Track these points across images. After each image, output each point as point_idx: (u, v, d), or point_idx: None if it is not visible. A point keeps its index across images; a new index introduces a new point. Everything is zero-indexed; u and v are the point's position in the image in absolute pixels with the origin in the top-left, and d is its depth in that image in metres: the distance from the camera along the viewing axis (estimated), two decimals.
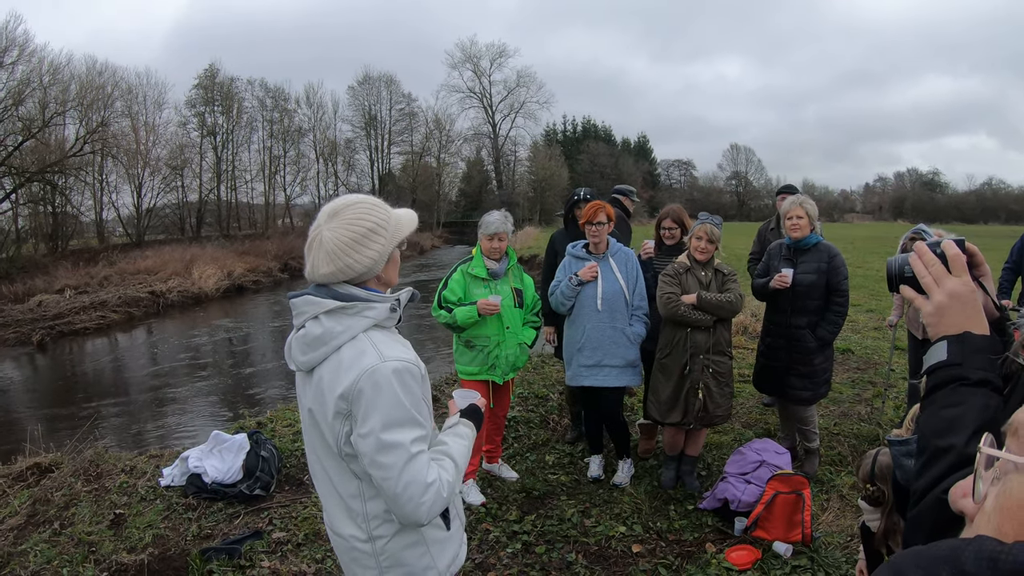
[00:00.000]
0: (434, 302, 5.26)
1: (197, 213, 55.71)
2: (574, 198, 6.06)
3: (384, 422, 1.96)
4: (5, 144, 35.87)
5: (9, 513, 5.87)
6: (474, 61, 72.98)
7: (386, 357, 2.00)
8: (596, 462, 5.72)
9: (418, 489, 1.97)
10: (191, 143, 56.78)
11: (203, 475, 5.87)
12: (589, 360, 5.19)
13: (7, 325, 21.90)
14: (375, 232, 2.07)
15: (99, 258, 35.95)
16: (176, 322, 23.21)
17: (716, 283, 5.03)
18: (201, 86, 58.44)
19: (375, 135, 69.25)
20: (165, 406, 12.40)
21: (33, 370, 17.76)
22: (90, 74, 44.72)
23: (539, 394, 7.67)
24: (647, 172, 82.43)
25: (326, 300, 2.06)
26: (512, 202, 68.27)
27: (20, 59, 37.07)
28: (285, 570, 4.45)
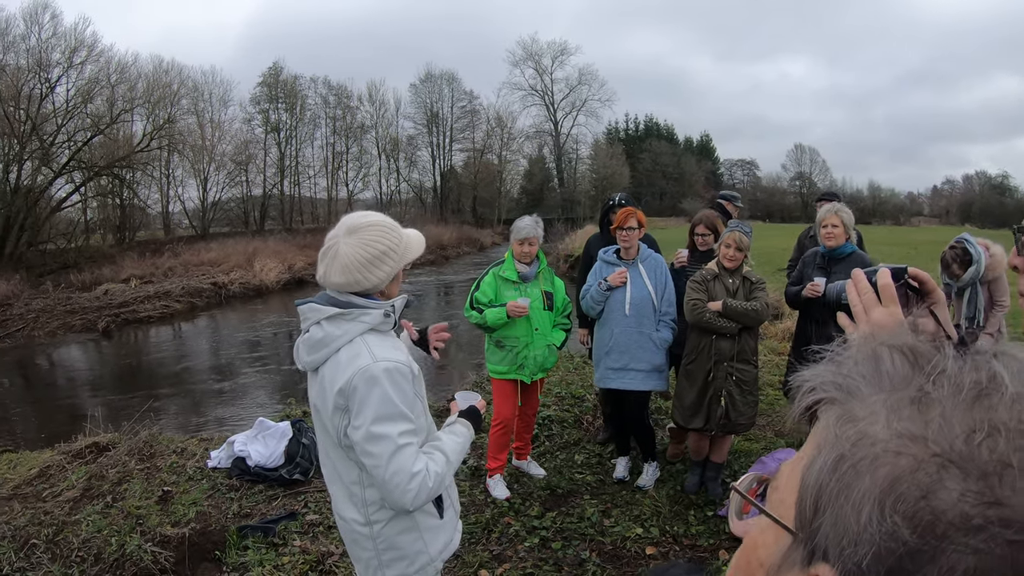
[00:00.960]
0: (466, 303, 5.43)
1: (261, 207, 56.63)
2: (609, 203, 6.11)
3: (374, 416, 2.16)
4: (75, 140, 37.13)
5: (67, 486, 6.23)
6: (535, 59, 72.34)
7: (378, 358, 2.21)
8: (622, 463, 5.81)
9: (404, 478, 2.16)
10: (255, 139, 57.82)
11: (247, 459, 6.15)
12: (616, 363, 5.28)
13: (74, 312, 22.65)
14: (387, 255, 2.28)
15: (164, 249, 36.85)
16: (236, 313, 23.75)
17: (743, 291, 5.05)
18: (265, 84, 59.49)
19: (437, 132, 69.21)
20: (219, 393, 12.81)
21: (97, 355, 18.39)
22: (157, 72, 45.94)
23: (576, 394, 7.75)
24: (710, 172, 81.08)
25: (327, 307, 2.28)
26: (573, 200, 68.03)
27: (89, 59, 38.51)
28: (315, 550, 4.65)
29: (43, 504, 5.92)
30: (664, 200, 74.28)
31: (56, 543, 4.97)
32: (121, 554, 4.70)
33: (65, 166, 36.80)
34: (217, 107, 54.71)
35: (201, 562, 4.70)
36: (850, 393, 0.61)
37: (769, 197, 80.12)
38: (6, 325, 21.59)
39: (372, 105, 65.13)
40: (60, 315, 22.38)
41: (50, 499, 6.05)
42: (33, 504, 5.97)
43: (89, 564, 4.68)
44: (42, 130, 35.54)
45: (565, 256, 29.18)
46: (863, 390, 0.60)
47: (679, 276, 5.66)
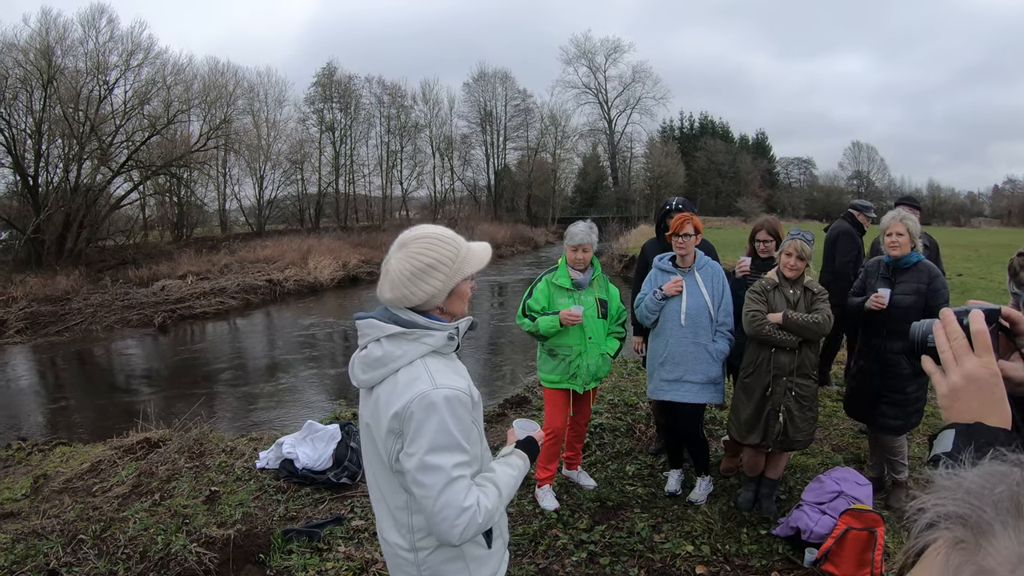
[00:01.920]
0: (519, 310, 5.33)
1: (316, 205, 57.61)
2: (665, 207, 5.97)
3: (430, 445, 2.06)
4: (133, 140, 38.21)
5: (117, 482, 6.32)
6: (589, 57, 72.26)
7: (438, 384, 2.10)
8: (675, 477, 5.65)
9: (453, 512, 2.06)
10: (310, 138, 58.92)
11: (295, 461, 6.15)
12: (670, 375, 5.14)
13: (132, 307, 23.15)
14: (434, 268, 2.18)
15: (221, 246, 37.72)
16: (291, 310, 23.97)
17: (804, 302, 4.87)
18: (319, 84, 60.61)
19: (491, 131, 69.74)
20: (270, 393, 12.87)
21: (153, 350, 18.70)
22: (212, 74, 47.14)
23: (629, 402, 7.62)
24: (766, 170, 79.89)
25: (388, 325, 2.18)
26: (628, 199, 67.67)
27: (145, 62, 39.76)
28: (359, 556, 4.61)
29: (93, 499, 6.00)
30: (719, 199, 73.46)
31: (103, 539, 5.02)
32: (166, 553, 4.72)
33: (123, 165, 37.92)
34: (272, 107, 56.14)
35: (245, 564, 4.68)
36: (979, 532, 0.51)
37: (826, 197, 78.50)
38: (65, 319, 22.14)
39: (426, 104, 66.01)
40: (117, 310, 22.90)
41: (100, 494, 6.14)
42: (83, 498, 6.06)
43: (134, 562, 4.70)
44: (101, 131, 36.66)
45: (619, 256, 28.94)
46: (996, 531, 0.51)
47: (741, 285, 5.49)
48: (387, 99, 63.66)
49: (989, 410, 1.14)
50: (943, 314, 1.23)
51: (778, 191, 78.79)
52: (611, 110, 73.20)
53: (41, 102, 35.59)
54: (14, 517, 5.90)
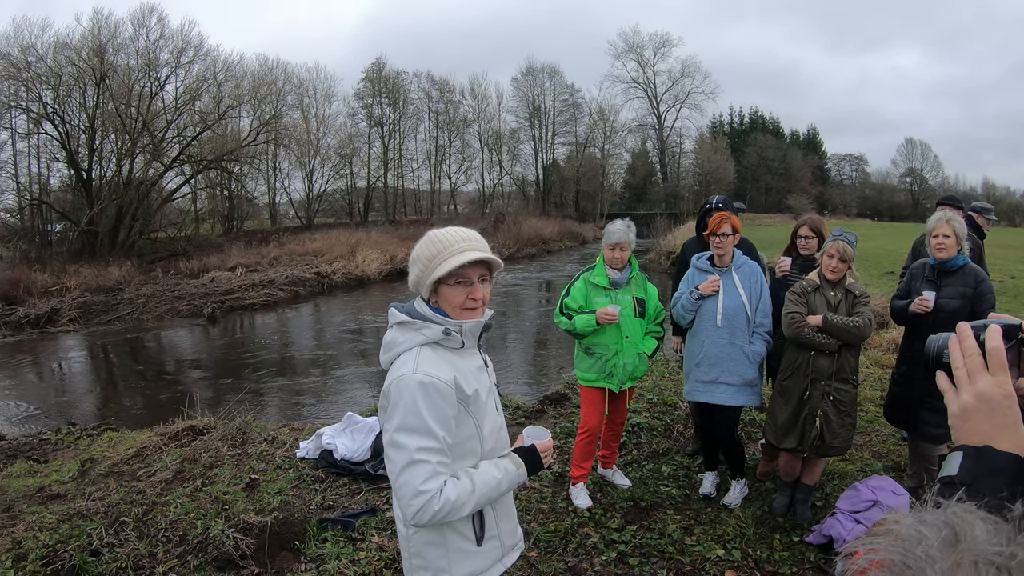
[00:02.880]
0: (556, 308, 5.33)
1: (365, 199, 58.23)
2: (706, 206, 5.91)
3: (399, 424, 2.23)
4: (184, 135, 39.22)
5: (161, 467, 6.49)
6: (637, 51, 71.35)
7: (418, 370, 2.26)
8: (709, 479, 5.60)
9: (409, 491, 2.19)
10: (359, 133, 59.63)
11: (334, 451, 6.25)
12: (706, 376, 5.10)
13: (182, 298, 23.62)
14: (415, 262, 2.41)
15: (270, 239, 38.46)
16: (338, 302, 24.29)
17: (846, 305, 4.78)
18: (368, 79, 61.17)
19: (539, 126, 69.34)
20: (314, 384, 13.06)
21: (202, 340, 19.05)
22: (262, 70, 48.44)
23: (668, 401, 7.55)
24: (816, 167, 78.35)
25: (399, 314, 2.41)
26: (677, 195, 67.10)
27: (195, 59, 40.72)
28: (391, 547, 4.67)
29: (137, 483, 6.17)
30: (769, 196, 72.47)
31: (145, 522, 5.15)
32: (205, 537, 4.82)
33: (175, 160, 38.95)
34: (322, 102, 56.97)
35: (280, 551, 4.76)
36: None
37: (878, 194, 77.24)
38: (117, 309, 22.66)
39: (474, 99, 66.20)
40: (168, 300, 23.39)
41: (144, 479, 6.31)
42: (128, 482, 6.23)
43: (174, 544, 4.82)
44: (153, 126, 37.80)
45: (667, 253, 28.34)
46: None
47: (781, 285, 5.41)
48: (435, 94, 64.06)
49: (1000, 434, 1.09)
50: (959, 328, 1.18)
51: (829, 188, 77.37)
52: (660, 105, 72.23)
53: (94, 99, 36.76)
54: (61, 498, 6.08)
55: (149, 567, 4.62)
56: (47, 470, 7.21)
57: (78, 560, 4.60)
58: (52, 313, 22.02)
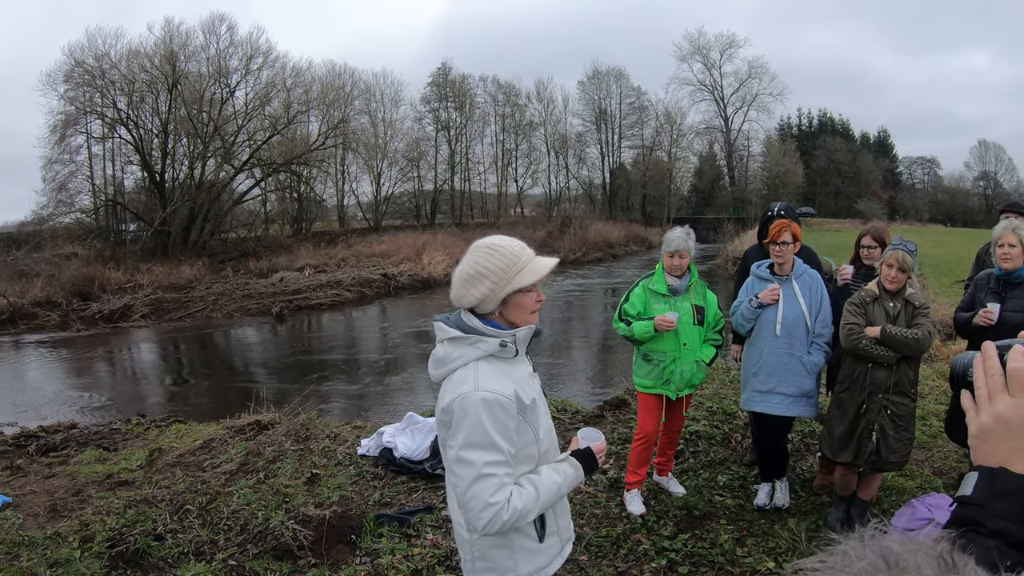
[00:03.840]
0: (615, 314, 5.32)
1: (432, 202, 59.02)
2: (768, 213, 5.80)
3: (464, 441, 2.25)
4: (255, 139, 40.76)
5: (226, 459, 6.70)
6: (703, 53, 69.63)
7: (480, 387, 2.27)
8: (764, 490, 5.48)
9: (478, 504, 2.23)
10: (426, 137, 60.37)
11: (394, 450, 6.35)
12: (763, 386, 5.03)
13: (251, 296, 24.22)
14: (484, 276, 2.34)
15: (338, 241, 39.33)
16: (404, 304, 24.67)
17: (905, 316, 4.65)
18: (434, 83, 61.83)
19: (605, 129, 68.62)
20: (376, 383, 13.28)
21: (270, 338, 19.51)
22: (330, 76, 49.46)
23: (728, 410, 7.42)
24: (887, 170, 75.56)
25: (450, 328, 2.40)
26: (744, 199, 65.95)
27: (264, 65, 42.18)
28: (445, 544, 4.74)
29: (202, 473, 6.39)
30: (839, 200, 70.35)
31: (208, 511, 5.34)
32: (265, 527, 4.98)
33: (245, 163, 40.42)
34: (389, 107, 57.91)
35: (337, 544, 4.87)
36: None
37: (951, 199, 74.25)
38: (188, 306, 23.34)
39: (540, 103, 66.10)
40: (237, 299, 24.01)
41: (209, 469, 6.52)
42: (193, 472, 6.46)
43: (235, 533, 5.00)
44: (224, 131, 39.32)
45: (734, 259, 27.61)
46: None
47: (842, 294, 5.29)
48: (501, 98, 64.37)
49: (1017, 456, 1.07)
50: (984, 347, 1.17)
51: (900, 192, 74.72)
52: (727, 107, 70.45)
53: (167, 104, 38.52)
54: (129, 485, 6.34)
55: (210, 553, 4.78)
56: (116, 458, 7.49)
57: (142, 544, 4.79)
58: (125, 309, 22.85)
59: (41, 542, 5.14)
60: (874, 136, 78.93)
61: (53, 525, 5.49)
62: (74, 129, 38.32)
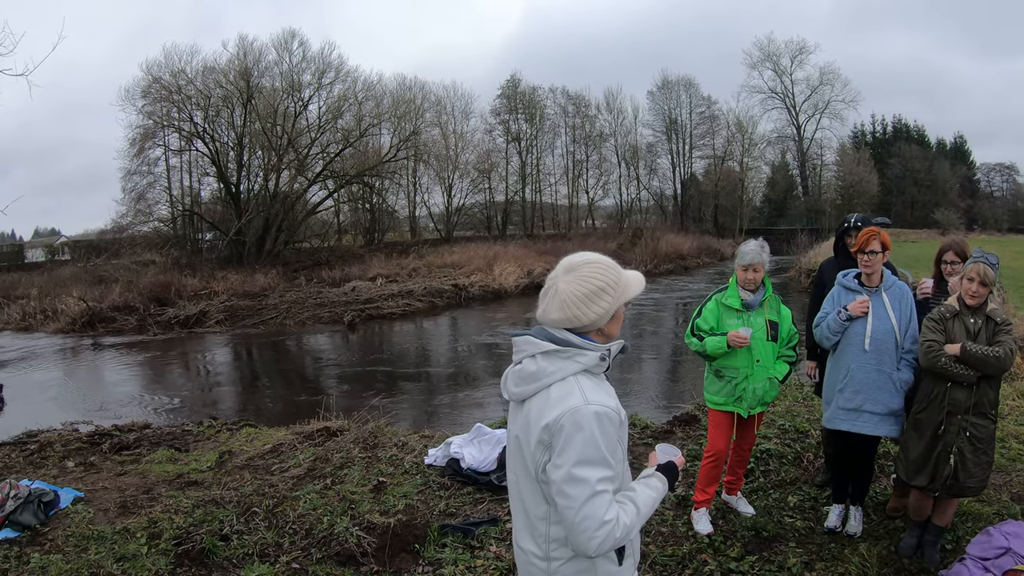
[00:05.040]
0: (687, 329, 5.21)
1: (503, 213, 59.51)
2: (845, 224, 5.65)
3: (577, 458, 2.13)
4: (328, 152, 41.94)
5: (294, 464, 6.81)
6: (774, 59, 68.00)
7: (590, 401, 2.17)
8: (836, 512, 5.28)
9: (593, 523, 2.12)
10: (497, 148, 61.12)
11: (461, 460, 6.33)
12: (849, 403, 4.83)
13: (323, 305, 24.68)
14: (604, 291, 2.27)
15: (410, 251, 40.05)
16: (474, 315, 24.75)
17: (986, 333, 4.42)
18: (504, 95, 62.31)
19: (676, 139, 68.07)
20: (446, 393, 13.38)
21: (341, 346, 19.78)
22: (401, 89, 50.80)
23: (800, 428, 7.20)
24: (965, 178, 72.16)
25: (544, 342, 2.28)
26: (818, 209, 64.48)
27: (336, 79, 43.39)
28: (508, 557, 4.67)
29: (270, 477, 6.49)
30: (915, 210, 67.58)
31: (274, 514, 5.41)
32: (330, 533, 5.01)
33: (319, 175, 41.74)
34: (459, 119, 58.92)
35: (400, 552, 4.86)
36: None
37: None
38: (261, 313, 23.87)
39: (610, 113, 65.99)
40: (310, 307, 24.49)
41: (277, 473, 6.63)
42: (261, 476, 6.57)
43: (299, 537, 5.05)
44: (297, 143, 40.82)
45: (807, 271, 27.01)
46: None
47: (922, 309, 5.06)
48: (571, 109, 64.52)
49: None
50: None
51: (979, 201, 71.31)
52: (799, 115, 68.74)
53: (242, 118, 40.15)
54: (198, 485, 6.47)
55: (274, 555, 4.85)
56: (187, 459, 7.66)
57: (208, 543, 4.87)
58: (200, 315, 23.54)
59: (110, 537, 5.26)
60: (950, 142, 75.48)
61: (122, 521, 5.61)
62: (152, 142, 40.09)
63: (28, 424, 10.63)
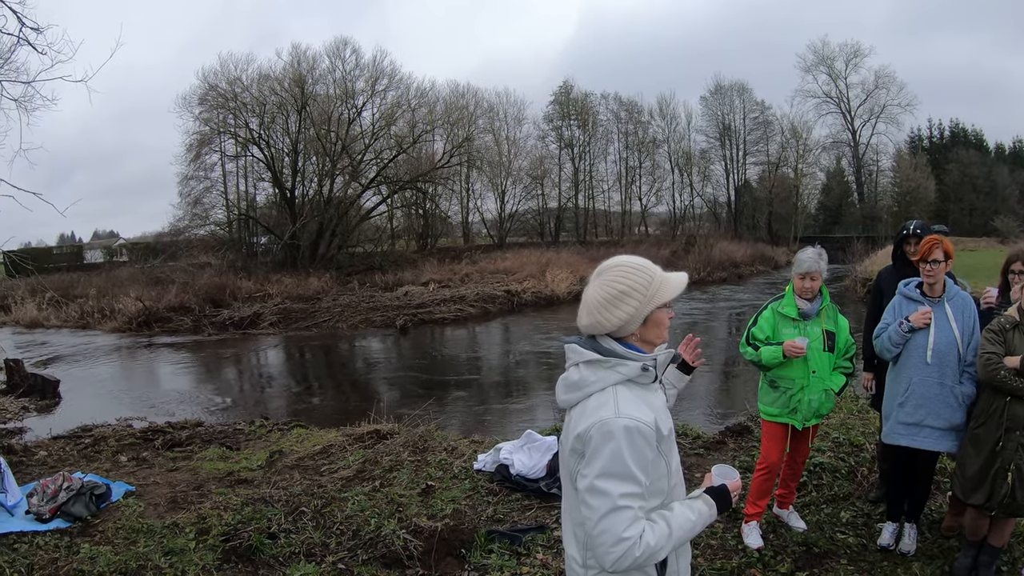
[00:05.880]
0: (742, 338, 5.12)
1: (556, 219, 59.09)
2: (903, 232, 5.51)
3: (601, 470, 2.12)
4: (381, 158, 42.41)
5: (344, 466, 6.86)
6: (828, 63, 65.24)
7: (621, 413, 2.15)
8: (890, 530, 5.13)
9: (610, 538, 2.10)
10: (550, 155, 60.50)
11: (510, 466, 6.31)
12: (909, 418, 4.67)
13: (376, 309, 24.92)
14: (627, 295, 2.24)
15: (462, 256, 40.25)
16: (527, 321, 24.68)
17: None
18: (557, 101, 61.83)
19: (730, 145, 66.35)
20: (497, 399, 13.39)
21: (392, 350, 19.95)
22: (453, 96, 50.83)
23: (855, 442, 7.03)
24: None
25: (586, 351, 2.27)
26: (874, 217, 62.81)
27: (390, 86, 43.84)
28: (555, 566, 4.65)
29: (319, 477, 6.55)
30: (974, 217, 64.47)
31: (322, 514, 5.46)
32: (377, 535, 5.03)
33: (372, 181, 42.44)
34: (512, 125, 58.66)
35: (446, 556, 4.85)
36: None
37: None
38: (314, 316, 24.19)
39: (663, 119, 64.66)
40: (363, 311, 24.74)
41: (326, 474, 6.69)
42: (311, 476, 6.63)
43: (346, 538, 5.08)
44: (351, 149, 41.42)
45: (863, 280, 26.50)
46: None
47: (986, 319, 4.86)
48: (624, 115, 63.68)
49: None
50: None
51: None
52: (854, 120, 66.03)
53: (296, 124, 41.01)
54: (248, 484, 6.56)
55: (320, 555, 4.88)
56: (238, 457, 7.78)
57: (255, 541, 4.94)
58: (254, 317, 23.93)
59: (159, 530, 5.38)
60: (1009, 147, 72.49)
61: (172, 516, 5.72)
62: (209, 148, 40.93)
63: (83, 419, 10.91)
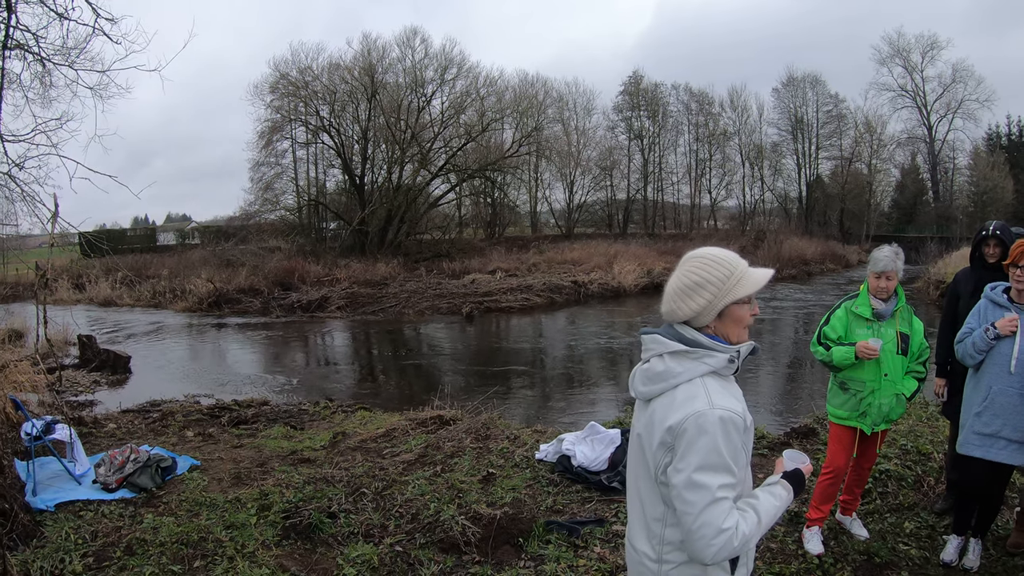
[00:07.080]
0: (814, 337, 4.95)
1: (624, 211, 58.85)
2: (982, 233, 5.25)
3: (699, 463, 2.08)
4: (450, 146, 42.87)
5: (405, 449, 6.87)
6: (903, 55, 62.46)
7: (715, 405, 2.12)
8: (954, 544, 4.87)
9: (711, 531, 2.05)
10: (619, 146, 60.13)
11: (572, 458, 6.21)
12: (986, 428, 4.42)
13: (442, 296, 25.11)
14: (701, 287, 2.23)
15: (530, 246, 40.38)
16: (593, 313, 24.50)
17: None
18: (626, 92, 61.15)
19: (802, 139, 64.38)
20: (561, 390, 13.28)
21: (458, 337, 20.05)
22: (523, 85, 50.92)
23: (923, 450, 6.76)
24: None
25: (671, 342, 2.23)
26: (949, 216, 60.52)
27: (459, 75, 44.31)
28: (612, 560, 4.55)
29: (381, 460, 6.56)
30: None
31: (382, 496, 5.47)
32: (435, 519, 4.99)
33: (441, 169, 43.04)
34: (581, 115, 58.39)
35: (503, 544, 4.78)
36: None
37: None
38: (381, 301, 24.48)
39: (734, 111, 63.49)
40: (429, 298, 24.94)
41: (388, 457, 6.69)
42: (372, 458, 6.65)
43: (405, 521, 5.07)
44: (421, 137, 41.99)
45: (936, 282, 25.59)
46: None
47: None
48: (694, 106, 62.67)
49: None
50: None
51: None
52: (930, 115, 63.15)
53: (366, 113, 41.85)
54: (310, 463, 6.62)
55: (378, 536, 4.88)
56: (301, 436, 7.87)
57: (315, 519, 4.95)
58: (322, 300, 24.34)
59: (221, 504, 5.47)
60: None
61: (235, 491, 5.79)
62: (280, 135, 42.00)
63: (152, 394, 11.22)
